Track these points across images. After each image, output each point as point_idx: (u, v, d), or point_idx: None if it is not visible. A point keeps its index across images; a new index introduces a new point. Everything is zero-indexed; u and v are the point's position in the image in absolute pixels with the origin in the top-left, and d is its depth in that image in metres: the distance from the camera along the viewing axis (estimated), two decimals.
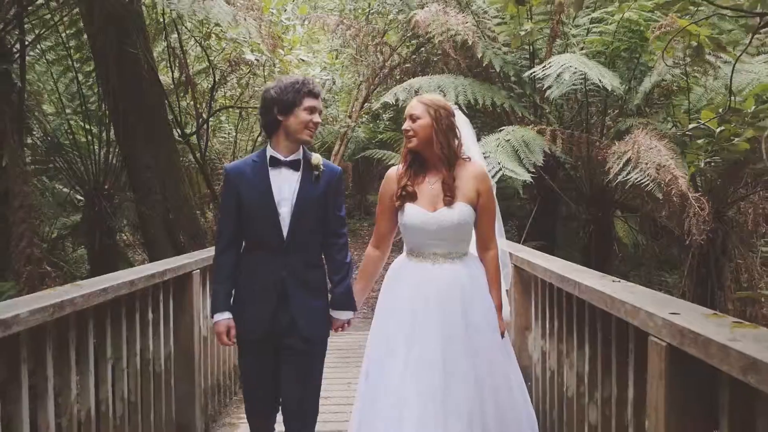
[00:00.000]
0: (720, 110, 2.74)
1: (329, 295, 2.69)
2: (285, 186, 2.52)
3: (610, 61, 6.15)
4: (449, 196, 2.60)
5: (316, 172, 2.56)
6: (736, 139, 2.80)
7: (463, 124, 2.80)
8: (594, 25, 5.93)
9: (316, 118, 2.53)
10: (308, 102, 2.48)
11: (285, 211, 2.52)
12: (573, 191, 7.41)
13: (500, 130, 5.65)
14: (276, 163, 2.53)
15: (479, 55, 6.26)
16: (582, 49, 6.37)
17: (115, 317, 2.72)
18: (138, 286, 2.82)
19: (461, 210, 2.60)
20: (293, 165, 2.54)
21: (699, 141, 3.00)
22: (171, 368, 3.42)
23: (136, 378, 2.96)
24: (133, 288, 2.77)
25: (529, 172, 5.43)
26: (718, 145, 2.82)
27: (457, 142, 2.67)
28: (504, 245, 3.01)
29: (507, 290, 2.98)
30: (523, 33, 3.04)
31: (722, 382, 1.44)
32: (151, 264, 3.60)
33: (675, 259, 8.35)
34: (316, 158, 2.59)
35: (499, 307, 2.70)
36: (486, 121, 7.93)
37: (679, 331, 1.51)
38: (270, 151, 2.55)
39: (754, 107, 2.65)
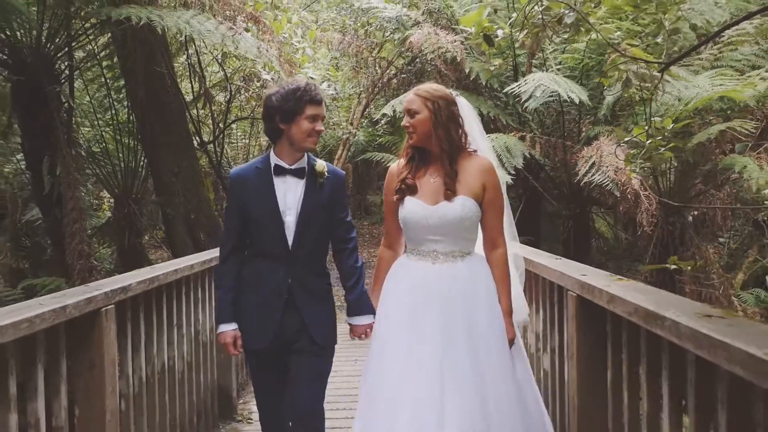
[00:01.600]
0: (646, 127, 3.51)
1: (345, 302, 2.70)
2: (290, 194, 2.50)
3: (584, 75, 6.93)
4: (450, 189, 2.43)
5: (321, 180, 2.53)
6: (662, 149, 3.58)
7: (467, 113, 2.62)
8: (566, 44, 6.71)
9: (319, 126, 2.47)
10: (310, 110, 2.42)
11: (290, 220, 2.49)
12: (555, 190, 8.19)
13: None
14: (280, 171, 2.50)
15: (467, 70, 7.03)
16: (560, 63, 7.16)
17: (178, 293, 3.49)
18: (195, 269, 3.61)
19: (463, 204, 2.43)
20: (298, 173, 2.51)
21: (632, 151, 3.76)
22: (213, 339, 4.19)
23: (191, 344, 3.74)
24: (192, 271, 3.56)
25: (512, 173, 6.22)
26: (647, 154, 3.60)
27: (460, 131, 2.51)
28: (517, 249, 2.88)
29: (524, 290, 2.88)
30: (492, 68, 3.79)
31: (606, 316, 2.22)
32: (200, 253, 4.37)
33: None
34: (321, 165, 2.55)
35: (507, 312, 2.49)
36: None
37: (582, 285, 2.30)
38: (274, 159, 2.51)
39: (672, 126, 3.43)
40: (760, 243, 7.36)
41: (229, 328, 2.54)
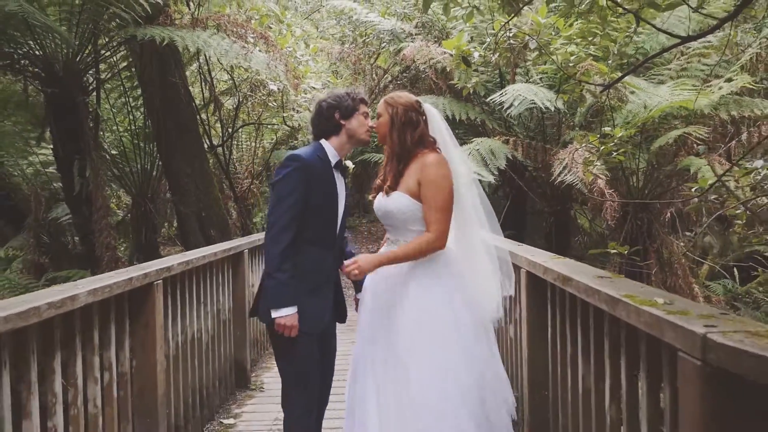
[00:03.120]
0: (598, 135, 4.16)
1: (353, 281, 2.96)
2: (339, 186, 2.76)
3: (563, 84, 7.57)
4: (390, 185, 2.71)
5: (348, 177, 2.86)
6: (615, 153, 4.24)
7: (432, 118, 2.81)
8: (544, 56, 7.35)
9: (370, 121, 2.80)
10: (363, 108, 2.76)
11: (340, 211, 2.76)
12: (538, 189, 8.86)
13: (471, 141, 7.09)
14: (338, 165, 2.75)
15: (456, 80, 7.68)
16: (544, 73, 7.80)
17: (201, 278, 4.14)
18: (218, 256, 4.26)
19: (396, 199, 2.68)
20: (341, 168, 2.79)
21: (587, 155, 4.38)
22: (231, 318, 4.86)
23: (214, 320, 4.40)
24: (216, 257, 4.22)
25: (495, 174, 6.87)
26: (602, 158, 4.24)
27: (416, 135, 2.71)
28: (505, 245, 3.15)
29: (510, 296, 3.05)
30: (470, 85, 4.44)
31: (546, 285, 2.88)
32: (222, 243, 5.03)
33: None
34: (349, 163, 2.83)
35: (385, 259, 2.65)
36: (467, 130, 9.40)
37: (529, 262, 2.96)
38: (334, 153, 2.74)
39: (621, 133, 4.07)
40: (724, 237, 8.02)
41: (292, 311, 2.57)
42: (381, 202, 2.75)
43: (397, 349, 2.63)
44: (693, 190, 3.68)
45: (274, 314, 2.55)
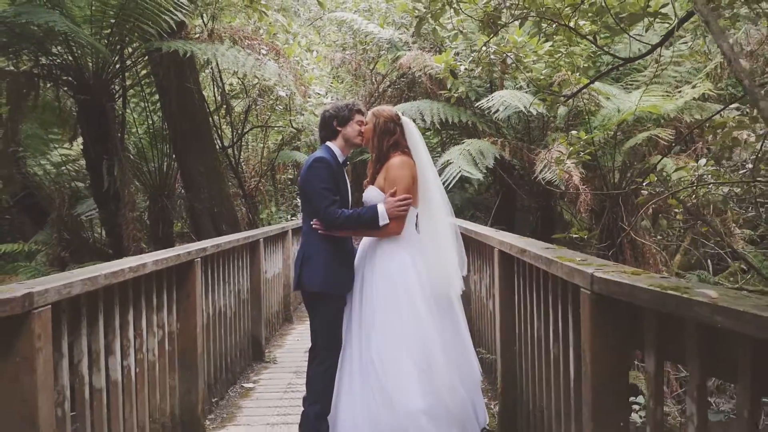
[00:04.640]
0: (568, 136, 4.84)
1: None
2: (346, 178, 3.46)
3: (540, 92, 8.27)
4: (368, 180, 3.43)
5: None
6: (582, 153, 4.93)
7: (408, 128, 3.40)
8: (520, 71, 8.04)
9: (363, 128, 3.38)
10: (358, 117, 3.37)
11: (348, 197, 3.44)
12: (525, 187, 9.54)
13: (462, 142, 7.78)
14: (344, 162, 3.43)
15: (449, 86, 8.36)
16: (530, 79, 8.49)
17: (225, 261, 4.82)
18: (240, 242, 4.94)
19: (370, 192, 3.37)
20: (344, 165, 3.45)
21: (556, 155, 5.05)
22: (248, 299, 5.53)
23: (235, 298, 5.07)
24: (238, 243, 4.90)
25: (484, 172, 7.55)
26: (570, 156, 4.92)
27: (391, 141, 3.33)
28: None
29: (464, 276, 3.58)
30: (456, 94, 5.11)
31: (513, 260, 3.55)
32: (241, 233, 5.71)
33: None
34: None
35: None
36: (460, 132, 10.08)
37: (501, 243, 3.64)
38: (341, 154, 3.40)
39: (586, 136, 4.76)
40: (694, 229, 8.69)
41: (382, 207, 3.26)
42: (364, 194, 3.44)
43: (365, 312, 3.27)
44: (645, 184, 4.36)
45: (383, 221, 3.23)
